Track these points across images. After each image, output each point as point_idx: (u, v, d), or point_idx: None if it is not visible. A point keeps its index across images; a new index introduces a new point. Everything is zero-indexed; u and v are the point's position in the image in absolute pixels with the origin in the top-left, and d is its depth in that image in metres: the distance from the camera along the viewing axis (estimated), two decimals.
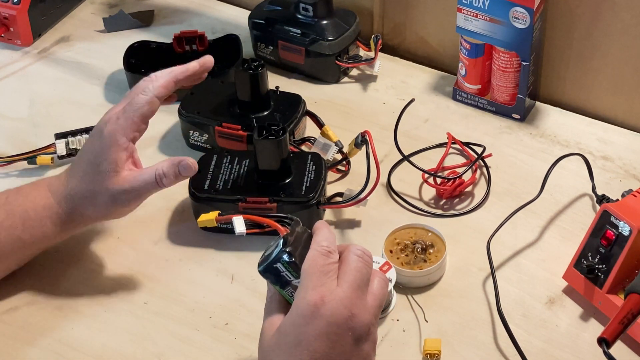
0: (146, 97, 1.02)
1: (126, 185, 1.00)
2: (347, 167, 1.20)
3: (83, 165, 1.02)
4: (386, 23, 1.40)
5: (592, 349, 0.95)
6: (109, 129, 1.01)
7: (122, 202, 1.01)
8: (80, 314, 1.04)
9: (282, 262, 0.87)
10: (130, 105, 1.02)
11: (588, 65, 1.25)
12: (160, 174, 1.01)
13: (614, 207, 0.99)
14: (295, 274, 0.87)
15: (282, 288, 0.87)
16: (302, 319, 0.81)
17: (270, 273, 0.87)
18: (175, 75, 1.05)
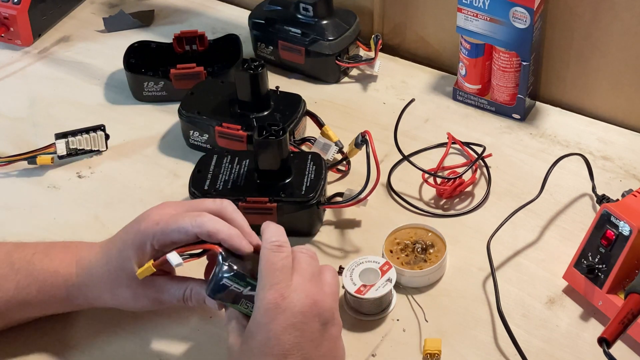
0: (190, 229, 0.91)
1: (150, 291, 0.95)
2: (347, 167, 1.20)
3: (113, 251, 0.95)
4: (386, 23, 1.40)
5: (592, 349, 0.95)
6: (144, 227, 0.92)
7: (142, 303, 0.96)
8: (80, 314, 1.03)
9: (227, 277, 0.89)
10: (174, 221, 0.92)
11: (588, 65, 1.25)
12: (188, 295, 0.94)
13: (614, 207, 0.99)
14: (243, 283, 0.88)
15: (236, 303, 0.89)
16: (266, 317, 0.83)
17: (220, 292, 0.89)
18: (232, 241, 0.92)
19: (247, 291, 0.89)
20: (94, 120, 1.26)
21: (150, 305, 0.96)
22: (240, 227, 0.93)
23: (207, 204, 0.95)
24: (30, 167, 1.22)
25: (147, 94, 1.31)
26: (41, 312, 1.00)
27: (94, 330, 1.02)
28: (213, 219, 0.92)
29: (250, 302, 0.88)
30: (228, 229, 0.91)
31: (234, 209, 0.95)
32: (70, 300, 0.98)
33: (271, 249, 0.87)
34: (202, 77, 1.29)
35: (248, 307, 0.88)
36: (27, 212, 1.17)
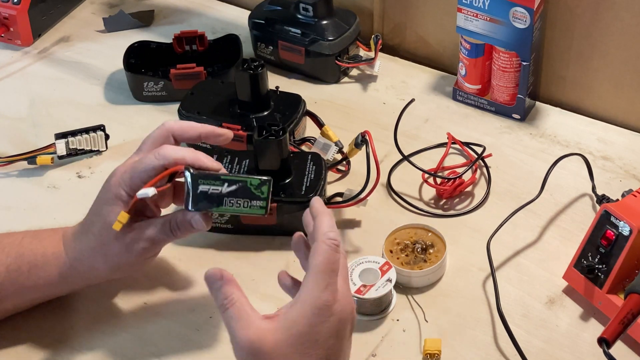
0: (155, 162, 0.94)
1: (139, 234, 0.95)
2: (347, 167, 1.20)
3: (91, 216, 0.97)
4: (386, 23, 1.40)
5: (592, 349, 0.95)
6: (113, 181, 0.95)
7: (136, 252, 0.96)
8: (80, 314, 1.04)
9: (201, 182, 0.89)
10: (139, 163, 0.94)
11: (588, 65, 1.25)
12: (174, 225, 0.96)
13: (614, 207, 0.99)
14: (219, 182, 0.90)
15: (221, 205, 0.89)
16: (319, 318, 0.82)
17: (201, 201, 0.90)
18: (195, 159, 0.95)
19: (226, 188, 0.89)
20: (94, 120, 1.26)
21: (144, 250, 0.96)
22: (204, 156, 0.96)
23: (153, 135, 0.98)
24: (30, 167, 1.22)
25: (147, 94, 1.31)
26: (38, 296, 1.00)
27: (94, 330, 1.02)
28: (175, 147, 0.95)
29: (234, 197, 0.89)
30: (192, 152, 0.95)
31: (190, 149, 0.96)
32: (64, 280, 0.98)
33: (331, 246, 0.84)
34: (202, 77, 1.29)
35: (233, 204, 0.89)
36: (27, 212, 1.17)
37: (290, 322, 0.82)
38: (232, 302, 0.84)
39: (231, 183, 0.92)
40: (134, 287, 1.06)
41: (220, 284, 0.85)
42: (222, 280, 0.85)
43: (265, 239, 1.11)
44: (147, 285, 1.07)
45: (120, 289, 1.06)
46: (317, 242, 0.85)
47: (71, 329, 1.02)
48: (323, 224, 0.86)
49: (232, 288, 0.85)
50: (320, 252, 0.84)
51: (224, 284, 0.85)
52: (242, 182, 0.94)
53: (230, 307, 0.84)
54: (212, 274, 0.85)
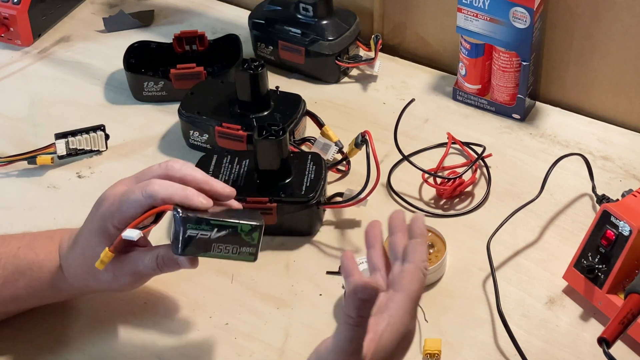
0: (142, 201, 0.90)
1: (127, 268, 0.94)
2: (347, 167, 1.20)
3: (82, 239, 0.95)
4: (386, 23, 1.40)
5: (592, 349, 0.95)
6: (101, 212, 0.93)
7: (123, 282, 0.95)
8: (80, 314, 1.04)
9: (189, 226, 0.87)
10: (126, 197, 0.91)
11: (588, 65, 1.25)
12: (160, 262, 0.93)
13: (614, 207, 0.99)
14: (208, 227, 0.87)
15: (209, 251, 0.87)
16: (402, 344, 0.81)
17: (187, 245, 0.87)
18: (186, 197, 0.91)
19: (215, 234, 0.87)
20: (94, 120, 1.26)
21: (132, 281, 0.96)
22: (193, 180, 0.92)
23: (153, 170, 0.94)
24: (30, 167, 1.22)
25: (147, 94, 1.31)
26: (34, 304, 1.01)
27: (93, 330, 1.02)
28: (163, 184, 0.91)
29: (223, 243, 0.86)
30: (182, 190, 0.90)
31: (182, 165, 0.93)
32: (59, 291, 0.98)
33: (424, 273, 0.82)
34: (202, 77, 1.29)
35: (222, 250, 0.86)
36: (27, 212, 1.17)
37: (383, 348, 0.79)
38: (366, 322, 0.76)
39: (221, 228, 0.89)
40: None
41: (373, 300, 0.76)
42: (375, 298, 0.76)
43: (265, 239, 1.10)
44: (147, 285, 1.06)
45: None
46: (416, 266, 0.82)
47: (71, 329, 1.02)
48: (423, 249, 0.83)
49: (373, 308, 0.77)
50: (418, 280, 0.81)
51: (373, 301, 0.76)
52: (233, 228, 0.90)
53: (361, 327, 0.76)
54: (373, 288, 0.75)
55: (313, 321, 1.02)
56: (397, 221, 0.87)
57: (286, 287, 1.06)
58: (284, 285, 1.06)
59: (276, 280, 1.07)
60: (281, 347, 1.00)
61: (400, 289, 0.81)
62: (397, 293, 0.81)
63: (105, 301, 1.05)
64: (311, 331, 1.01)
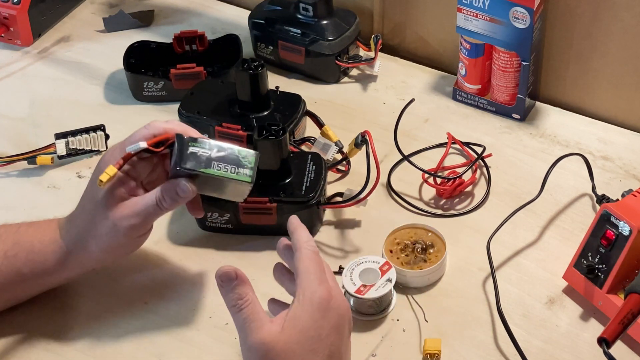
0: (145, 132, 0.97)
1: (127, 210, 0.96)
2: (347, 167, 1.20)
3: (84, 198, 1.00)
4: (386, 23, 1.40)
5: (592, 349, 0.95)
6: (104, 159, 0.98)
7: (125, 230, 0.96)
8: (80, 314, 1.04)
9: (191, 144, 0.94)
10: (130, 137, 0.98)
11: (588, 65, 1.25)
12: (159, 197, 0.96)
13: (614, 207, 0.99)
14: (209, 146, 0.94)
15: (209, 167, 0.93)
16: (319, 313, 0.84)
17: (191, 161, 0.93)
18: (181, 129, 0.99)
19: (215, 153, 0.94)
20: (94, 120, 1.26)
21: (132, 225, 0.97)
22: (193, 131, 0.99)
23: (141, 130, 0.99)
24: (30, 167, 1.22)
25: (147, 94, 1.31)
26: (35, 285, 1.01)
27: (93, 330, 1.02)
28: (164, 122, 0.98)
29: (222, 162, 0.94)
30: (181, 126, 0.99)
31: (180, 122, 1.01)
32: (60, 265, 0.99)
33: (313, 250, 0.88)
34: (202, 77, 1.29)
35: (221, 168, 0.93)
36: (27, 212, 1.16)
37: (295, 320, 0.83)
38: (247, 303, 0.84)
39: (220, 149, 0.96)
40: (134, 287, 1.06)
41: (235, 284, 0.85)
42: (236, 280, 0.85)
43: (265, 239, 1.11)
44: (147, 285, 1.07)
45: (120, 289, 1.06)
46: (300, 249, 0.88)
47: (71, 329, 1.02)
48: (302, 235, 0.89)
49: (246, 289, 0.85)
50: (306, 255, 0.87)
51: (239, 283, 0.85)
52: (231, 150, 0.97)
53: (245, 308, 0.84)
54: (226, 272, 0.85)
55: None
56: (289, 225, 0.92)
57: None
58: None
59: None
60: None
61: (297, 272, 0.87)
62: (296, 277, 0.87)
63: (106, 301, 1.05)
64: None
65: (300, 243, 0.88)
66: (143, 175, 0.99)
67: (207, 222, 1.11)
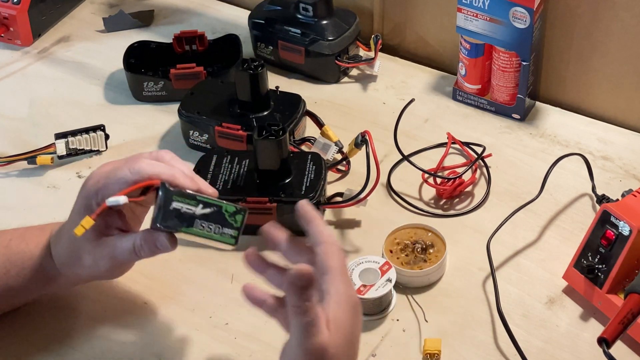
0: (129, 177, 0.90)
1: (106, 251, 0.93)
2: (347, 167, 1.20)
3: (68, 222, 0.95)
4: (386, 23, 1.40)
5: (592, 349, 0.95)
6: (86, 190, 0.93)
7: (104, 267, 0.94)
8: (80, 313, 1.04)
9: (175, 198, 0.87)
10: (113, 174, 0.91)
11: (588, 65, 1.25)
12: (137, 244, 0.92)
13: (614, 207, 0.99)
14: (194, 201, 0.87)
15: (191, 226, 0.87)
16: (355, 317, 0.84)
17: (172, 219, 0.87)
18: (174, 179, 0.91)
19: (200, 210, 0.87)
20: (94, 120, 1.26)
21: (111, 265, 0.94)
22: (180, 170, 0.92)
23: (144, 154, 0.94)
24: (30, 167, 1.22)
25: (147, 94, 1.31)
26: (28, 297, 1.00)
27: (93, 330, 1.02)
28: (151, 163, 0.91)
29: (206, 221, 0.87)
30: (168, 169, 0.91)
31: (172, 157, 0.94)
32: (51, 282, 0.98)
33: (338, 246, 0.85)
34: (202, 77, 1.29)
35: (204, 227, 0.87)
36: (27, 212, 1.17)
37: (340, 323, 0.82)
38: (313, 305, 0.80)
39: (206, 205, 0.89)
40: (134, 287, 1.06)
41: (310, 285, 0.79)
42: (312, 281, 0.79)
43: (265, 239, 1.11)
44: (147, 285, 1.07)
45: (120, 289, 1.06)
46: (327, 244, 0.85)
47: (71, 329, 1.02)
48: (323, 227, 0.86)
49: (314, 291, 0.80)
50: (335, 253, 0.85)
51: (312, 285, 0.79)
52: (217, 207, 0.90)
53: (310, 311, 0.79)
54: (305, 273, 0.79)
55: None
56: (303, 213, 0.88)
57: None
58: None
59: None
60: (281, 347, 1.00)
61: (326, 270, 0.83)
62: (325, 275, 0.83)
63: (106, 301, 1.05)
64: None
65: (324, 237, 0.85)
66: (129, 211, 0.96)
67: None
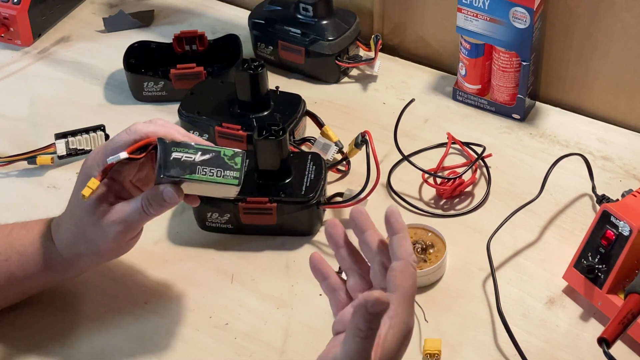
0: (126, 137, 0.94)
1: (114, 217, 0.95)
2: (347, 167, 1.20)
3: (72, 203, 0.98)
4: (386, 23, 1.40)
5: (592, 349, 0.95)
6: (87, 163, 0.96)
7: (113, 234, 0.95)
8: (80, 314, 1.04)
9: (174, 149, 0.90)
10: (111, 141, 0.95)
11: (588, 65, 1.25)
12: (145, 201, 0.94)
13: (614, 207, 0.99)
14: (192, 150, 0.91)
15: (194, 173, 0.90)
16: (404, 345, 0.80)
17: (174, 167, 0.90)
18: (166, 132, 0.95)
19: (200, 157, 0.90)
20: (94, 120, 1.26)
21: (120, 233, 0.96)
22: (176, 129, 0.95)
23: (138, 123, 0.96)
24: (30, 167, 1.22)
25: (147, 94, 1.31)
26: (29, 287, 1.01)
27: (93, 330, 1.02)
28: (146, 124, 0.95)
29: (207, 166, 0.90)
30: (164, 128, 0.94)
31: (167, 121, 0.97)
32: (53, 268, 0.99)
33: (415, 270, 0.81)
34: (202, 77, 1.29)
35: (206, 172, 0.90)
36: (27, 212, 1.16)
37: (388, 350, 0.79)
38: (375, 334, 0.76)
39: (205, 152, 0.92)
40: (134, 287, 1.06)
41: (382, 312, 0.74)
42: (385, 310, 0.74)
43: (265, 239, 1.11)
44: (147, 285, 1.07)
45: (120, 289, 1.06)
46: (405, 263, 0.81)
47: (71, 329, 1.02)
48: (408, 242, 0.82)
49: (380, 320, 0.76)
50: (410, 275, 0.80)
51: (382, 313, 0.75)
52: (216, 152, 0.94)
53: (371, 339, 0.75)
54: (383, 301, 0.74)
55: (313, 321, 1.02)
56: (362, 217, 0.87)
57: (286, 287, 1.06)
58: (284, 285, 1.06)
59: (276, 280, 1.07)
60: (281, 347, 1.00)
61: (395, 289, 0.80)
62: (392, 294, 0.80)
63: (105, 301, 1.05)
64: (311, 331, 1.01)
65: (405, 254, 0.81)
66: (130, 176, 0.98)
67: (207, 222, 1.11)
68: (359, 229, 0.87)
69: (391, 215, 0.84)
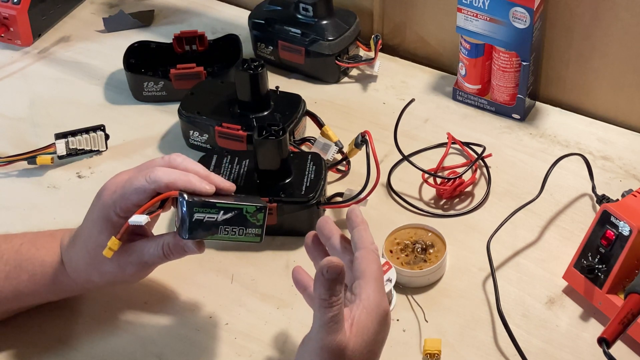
0: (146, 185, 0.92)
1: (132, 257, 0.95)
2: (347, 167, 1.20)
3: (85, 231, 0.96)
4: (386, 23, 1.40)
5: (592, 349, 0.95)
6: (103, 200, 0.93)
7: (130, 272, 0.96)
8: (80, 314, 1.04)
9: (196, 210, 0.89)
10: (130, 184, 0.92)
11: (588, 65, 1.25)
12: (166, 249, 0.94)
13: (614, 207, 0.99)
14: (214, 210, 0.90)
15: (217, 233, 0.90)
16: (380, 326, 0.84)
17: (195, 229, 0.89)
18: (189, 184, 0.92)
19: (222, 216, 0.90)
20: (94, 120, 1.26)
21: (138, 271, 0.96)
22: (195, 172, 0.94)
23: (156, 161, 0.95)
24: (30, 167, 1.22)
25: (147, 94, 1.31)
26: (35, 301, 1.01)
27: (93, 330, 1.02)
28: (166, 170, 0.92)
29: (229, 225, 0.90)
30: (184, 175, 0.92)
31: (184, 159, 0.95)
32: (60, 288, 0.98)
33: (377, 253, 0.87)
34: (202, 77, 1.29)
35: (229, 232, 0.89)
36: (27, 212, 1.17)
37: (363, 328, 0.83)
38: (339, 302, 0.81)
39: (227, 211, 0.91)
40: (134, 287, 1.06)
41: (339, 279, 0.80)
42: (340, 276, 0.80)
43: (265, 239, 1.11)
44: (147, 285, 1.07)
45: (120, 289, 1.06)
46: (366, 250, 0.87)
47: (71, 329, 1.02)
48: (368, 234, 0.88)
49: (342, 288, 0.81)
50: (373, 260, 0.87)
51: (341, 281, 0.80)
52: (238, 210, 0.93)
53: (336, 306, 0.81)
54: (336, 265, 0.80)
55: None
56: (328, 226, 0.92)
57: (286, 287, 1.06)
58: (284, 285, 1.06)
59: (276, 280, 1.07)
60: (281, 347, 1.00)
61: (362, 274, 0.85)
62: (359, 279, 0.85)
63: (105, 301, 1.05)
64: None
65: (366, 243, 0.87)
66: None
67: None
68: (325, 237, 0.92)
69: (351, 212, 0.90)
